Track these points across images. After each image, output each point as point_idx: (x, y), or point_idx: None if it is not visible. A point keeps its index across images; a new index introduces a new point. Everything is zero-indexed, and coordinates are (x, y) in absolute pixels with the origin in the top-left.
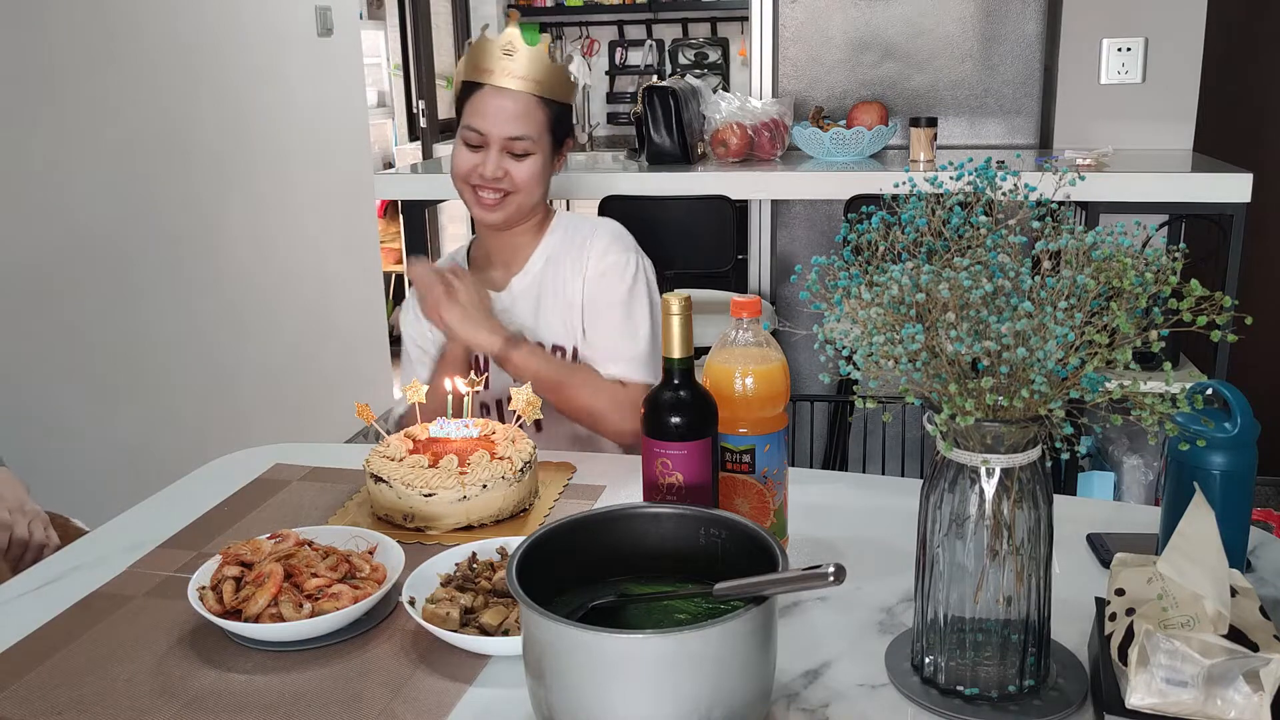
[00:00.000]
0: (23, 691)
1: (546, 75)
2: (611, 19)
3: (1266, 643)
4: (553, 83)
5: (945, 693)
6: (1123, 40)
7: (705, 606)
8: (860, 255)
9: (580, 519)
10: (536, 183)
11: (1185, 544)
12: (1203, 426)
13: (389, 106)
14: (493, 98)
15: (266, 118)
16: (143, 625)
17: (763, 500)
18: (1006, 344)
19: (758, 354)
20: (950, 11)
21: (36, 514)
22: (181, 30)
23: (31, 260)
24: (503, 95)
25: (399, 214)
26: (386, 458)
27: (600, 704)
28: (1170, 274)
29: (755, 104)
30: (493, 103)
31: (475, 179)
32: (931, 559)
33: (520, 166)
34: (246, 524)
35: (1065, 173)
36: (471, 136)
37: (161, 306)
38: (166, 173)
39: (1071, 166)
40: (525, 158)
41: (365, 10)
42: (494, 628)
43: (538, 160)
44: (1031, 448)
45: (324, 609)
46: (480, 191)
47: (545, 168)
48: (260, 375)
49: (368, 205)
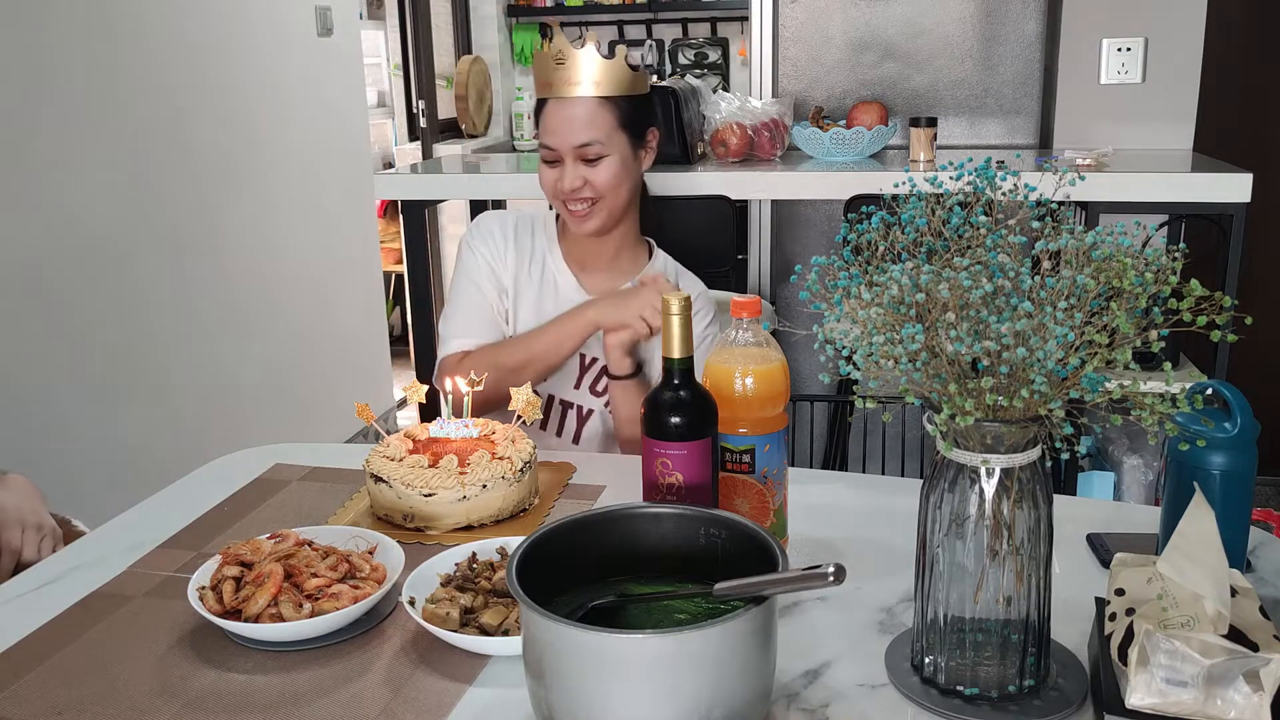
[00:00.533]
0: (23, 691)
1: (604, 74)
2: (611, 19)
3: (1266, 643)
4: (611, 79)
5: (945, 693)
6: (1123, 40)
7: (705, 606)
8: (860, 255)
9: (580, 519)
10: (619, 183)
11: (1185, 544)
12: (1203, 426)
13: (389, 106)
14: (555, 110)
15: (266, 118)
16: (143, 625)
17: (763, 500)
18: (1006, 344)
19: (758, 354)
20: (950, 11)
21: (50, 531)
22: (180, 30)
23: (31, 260)
24: (565, 105)
25: (399, 214)
26: (386, 458)
27: (600, 704)
28: (1170, 274)
29: (755, 104)
30: (555, 115)
31: (560, 194)
32: (931, 559)
33: (597, 171)
34: (246, 524)
35: (1065, 173)
36: (546, 153)
37: (161, 306)
38: (166, 172)
39: (1071, 166)
40: (600, 161)
41: (365, 10)
42: (494, 628)
43: (614, 161)
44: (1031, 448)
45: (324, 609)
46: (569, 205)
47: (626, 166)
48: (260, 375)
49: (368, 205)
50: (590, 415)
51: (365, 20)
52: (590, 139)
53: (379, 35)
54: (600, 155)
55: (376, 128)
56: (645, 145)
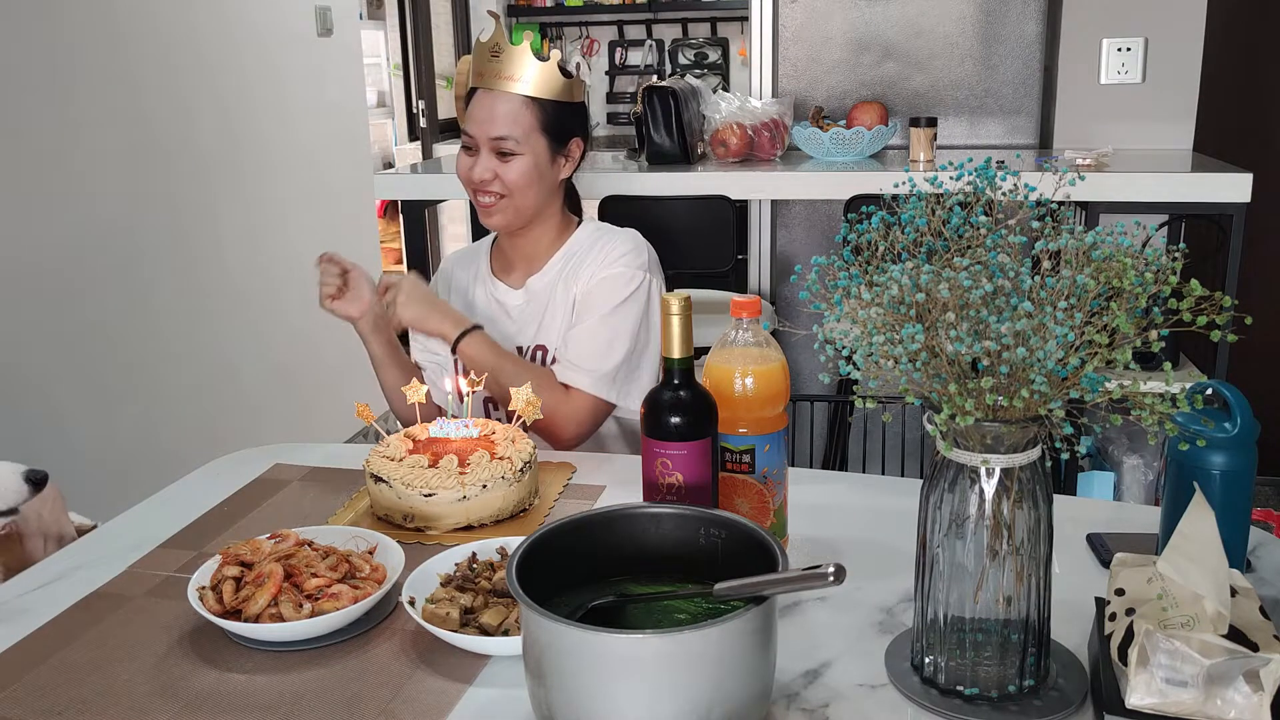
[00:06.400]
0: (22, 691)
1: (535, 74)
2: (611, 19)
3: (1266, 643)
4: (542, 81)
5: (945, 693)
6: (1123, 40)
7: (705, 606)
8: (860, 255)
9: (580, 519)
10: (528, 184)
11: (1185, 544)
12: (1203, 426)
13: (389, 106)
14: (481, 100)
15: (266, 117)
16: (143, 625)
17: (763, 500)
18: (1006, 344)
19: (758, 354)
20: (950, 11)
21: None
22: (180, 30)
23: (32, 260)
24: (490, 97)
25: (399, 214)
26: (386, 458)
27: (600, 704)
28: (1170, 274)
29: (755, 104)
30: (480, 104)
31: (471, 183)
32: (931, 559)
33: (508, 168)
34: (246, 524)
35: (1065, 173)
36: (465, 139)
37: (161, 306)
38: (165, 172)
39: (1071, 166)
40: (512, 158)
41: (365, 10)
42: (494, 628)
43: (527, 161)
44: (1031, 448)
45: (324, 609)
46: (478, 195)
47: (538, 169)
48: (260, 375)
49: (368, 205)
50: None
51: (365, 20)
52: (506, 134)
53: (379, 35)
54: (513, 152)
55: (376, 128)
56: (565, 153)
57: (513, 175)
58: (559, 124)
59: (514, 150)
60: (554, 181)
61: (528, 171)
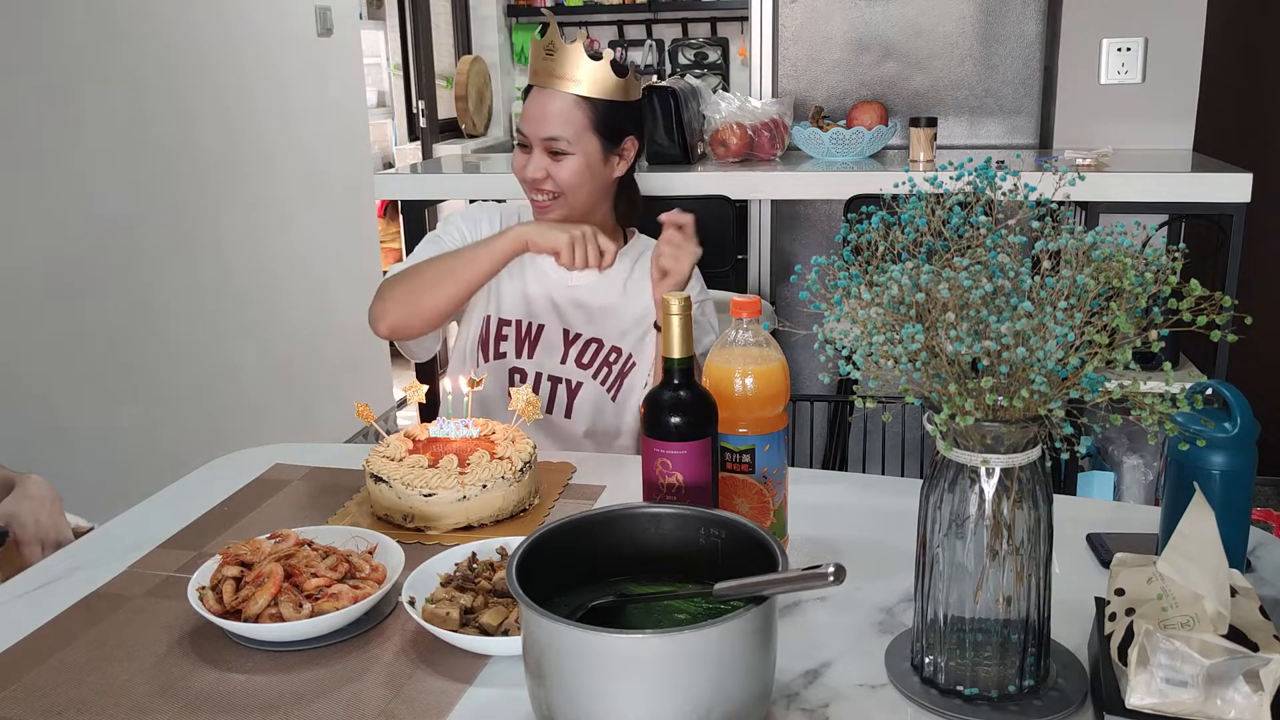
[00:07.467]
0: (22, 691)
1: (587, 74)
2: (611, 19)
3: (1266, 643)
4: (594, 81)
5: (945, 693)
6: (1123, 40)
7: (705, 606)
8: (860, 255)
9: (580, 519)
10: (580, 183)
11: (1185, 544)
12: (1203, 426)
13: (389, 106)
14: (535, 99)
15: (266, 118)
16: (143, 625)
17: (763, 500)
18: (1006, 344)
19: (758, 354)
20: (950, 11)
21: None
22: (180, 30)
23: (32, 260)
24: (543, 96)
25: (399, 214)
26: (386, 458)
27: (600, 704)
28: (1170, 274)
29: (755, 104)
30: (534, 103)
31: (524, 180)
32: (931, 559)
33: (560, 167)
34: (246, 524)
35: (1065, 173)
36: (520, 137)
37: (161, 306)
38: (165, 172)
39: (1071, 166)
40: (564, 157)
41: (365, 10)
42: (494, 628)
43: (578, 160)
44: (1031, 448)
45: (324, 609)
46: (532, 193)
47: (591, 168)
48: (260, 375)
49: (368, 205)
50: (580, 388)
51: (365, 20)
52: (557, 134)
53: (379, 35)
54: (565, 152)
55: (376, 128)
56: (619, 152)
57: (564, 174)
58: (612, 123)
59: (565, 150)
60: (607, 180)
61: (579, 171)
